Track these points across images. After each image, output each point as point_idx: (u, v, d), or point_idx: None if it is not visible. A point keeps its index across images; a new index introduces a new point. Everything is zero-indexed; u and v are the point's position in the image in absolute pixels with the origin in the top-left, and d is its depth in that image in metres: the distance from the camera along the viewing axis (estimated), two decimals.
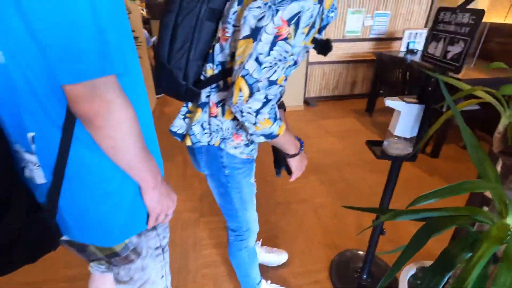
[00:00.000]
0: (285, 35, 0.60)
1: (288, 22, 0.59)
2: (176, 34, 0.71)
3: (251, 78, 0.61)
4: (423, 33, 3.11)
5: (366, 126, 3.07)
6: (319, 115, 3.36)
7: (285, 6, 0.58)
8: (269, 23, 0.59)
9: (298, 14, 0.59)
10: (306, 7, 0.59)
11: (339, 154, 2.51)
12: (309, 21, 0.62)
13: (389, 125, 1.00)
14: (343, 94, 3.81)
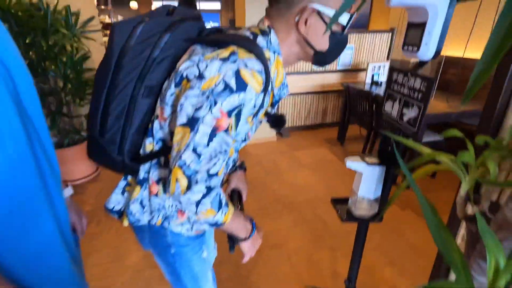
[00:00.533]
0: (225, 127, 0.55)
1: (228, 114, 0.54)
2: (108, 110, 0.63)
3: (189, 170, 0.54)
4: (385, 65, 3.26)
5: (338, 156, 3.08)
6: (292, 146, 3.34)
7: (224, 98, 0.53)
8: (207, 114, 0.53)
9: (239, 106, 0.54)
10: (247, 99, 0.54)
11: (313, 189, 2.47)
12: (252, 110, 0.58)
13: (353, 183, 0.95)
14: (314, 123, 3.86)
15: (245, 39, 0.60)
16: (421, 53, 0.72)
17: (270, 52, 0.63)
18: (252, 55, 0.56)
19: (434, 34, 0.68)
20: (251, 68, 0.54)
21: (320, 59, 0.67)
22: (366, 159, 0.89)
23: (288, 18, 0.62)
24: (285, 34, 0.64)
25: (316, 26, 0.60)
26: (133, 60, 0.61)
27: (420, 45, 0.71)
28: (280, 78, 0.67)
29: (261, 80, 0.55)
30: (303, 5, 0.59)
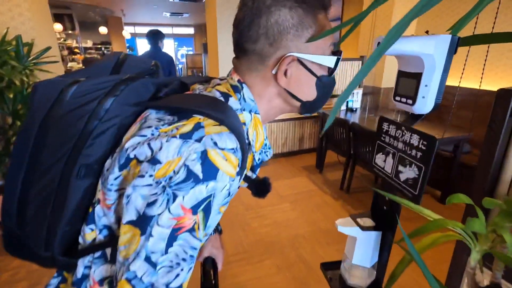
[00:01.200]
0: (190, 227, 0.40)
1: (193, 211, 0.39)
2: (26, 197, 0.46)
3: (141, 284, 0.38)
4: (359, 93, 3.30)
5: (318, 185, 2.99)
6: (271, 176, 3.19)
7: (186, 190, 0.38)
8: (164, 212, 0.38)
9: (207, 199, 0.40)
10: (218, 188, 0.40)
11: (294, 225, 2.32)
12: (226, 199, 0.44)
13: (345, 247, 0.82)
14: (292, 150, 3.79)
15: (213, 104, 0.47)
16: (417, 107, 0.63)
17: (246, 112, 0.51)
18: (223, 128, 0.43)
19: (432, 87, 0.59)
20: (223, 147, 0.41)
21: (308, 108, 0.56)
22: (360, 222, 0.76)
23: (263, 71, 0.51)
24: (261, 88, 0.52)
25: (299, 76, 0.51)
26: (62, 134, 0.45)
27: (416, 98, 0.62)
28: (261, 139, 0.56)
29: (236, 161, 0.42)
30: (279, 55, 0.48)
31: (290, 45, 0.48)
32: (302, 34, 0.47)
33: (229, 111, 0.46)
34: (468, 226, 0.62)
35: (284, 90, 0.52)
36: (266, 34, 0.47)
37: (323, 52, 0.50)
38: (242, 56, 0.52)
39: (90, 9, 8.04)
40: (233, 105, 0.49)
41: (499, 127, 0.74)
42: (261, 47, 0.48)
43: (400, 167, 0.69)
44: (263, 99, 0.53)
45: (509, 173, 0.78)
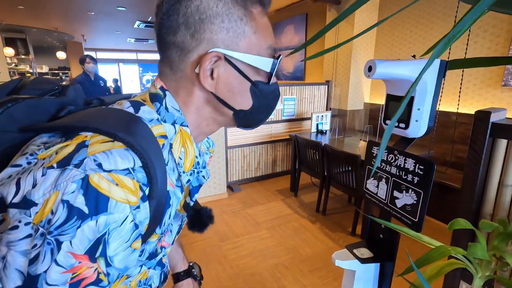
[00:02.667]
0: (94, 278, 0.32)
1: (89, 256, 0.31)
2: None
3: None
4: (327, 115, 3.41)
5: (294, 209, 2.94)
6: (245, 202, 3.11)
7: (72, 232, 0.30)
8: (51, 266, 0.29)
9: (103, 238, 0.31)
10: (114, 221, 0.32)
11: (274, 254, 2.22)
12: (134, 233, 0.35)
13: (343, 281, 0.76)
14: (265, 173, 3.74)
15: (109, 116, 0.38)
16: (411, 131, 0.62)
17: (167, 124, 0.42)
18: (117, 145, 0.34)
19: (425, 111, 0.59)
20: (110, 168, 0.32)
21: (244, 121, 0.47)
22: (357, 253, 0.71)
23: (185, 70, 0.42)
24: (186, 93, 0.43)
25: (228, 78, 0.42)
26: None
27: (410, 122, 0.61)
28: (191, 157, 0.45)
29: (135, 184, 0.34)
30: (202, 50, 0.40)
31: (216, 40, 0.40)
32: (230, 27, 0.40)
33: (133, 123, 0.37)
34: (470, 252, 0.60)
35: (212, 95, 0.43)
36: (187, 23, 0.39)
37: (258, 53, 0.42)
38: (164, 54, 0.43)
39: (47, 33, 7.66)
40: (145, 115, 0.41)
41: (480, 148, 0.76)
42: (182, 39, 0.40)
43: (396, 192, 0.67)
44: (190, 107, 0.44)
45: (493, 192, 0.79)
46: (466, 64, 0.64)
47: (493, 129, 0.75)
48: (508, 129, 0.72)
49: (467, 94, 2.73)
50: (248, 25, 0.41)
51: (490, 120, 0.74)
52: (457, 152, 2.79)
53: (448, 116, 2.83)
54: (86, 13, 5.77)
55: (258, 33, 0.42)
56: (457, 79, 2.81)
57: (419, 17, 3.07)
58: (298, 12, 4.87)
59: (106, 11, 5.60)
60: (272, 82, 0.46)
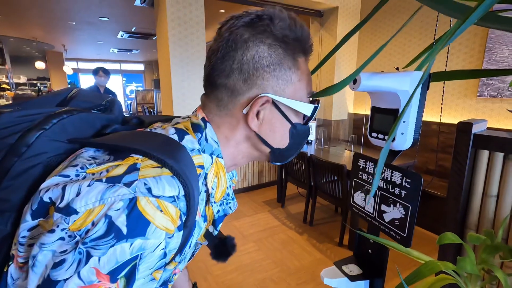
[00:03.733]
0: None
1: (111, 277, 0.30)
2: None
3: None
4: (313, 125, 3.44)
5: (281, 220, 2.90)
6: (232, 215, 3.04)
7: (104, 249, 0.30)
8: (72, 277, 0.29)
9: (132, 262, 0.31)
10: (149, 247, 0.32)
11: (261, 268, 2.16)
12: (160, 262, 0.35)
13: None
14: (252, 184, 3.70)
15: (159, 142, 0.39)
16: (397, 143, 0.61)
17: (205, 155, 0.44)
18: (165, 171, 0.35)
19: (411, 123, 0.58)
20: (159, 194, 0.33)
21: (278, 156, 0.50)
22: (346, 270, 0.69)
23: (233, 110, 0.45)
24: (229, 129, 0.46)
25: (271, 120, 0.45)
26: None
27: (395, 135, 0.60)
28: (223, 187, 0.48)
29: (177, 212, 0.35)
30: (253, 94, 0.43)
31: (266, 85, 0.43)
32: (280, 76, 0.43)
33: (178, 151, 0.39)
34: (459, 267, 0.59)
35: (254, 134, 0.46)
36: (241, 69, 0.42)
37: (301, 98, 0.46)
38: (212, 92, 0.46)
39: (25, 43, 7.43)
40: (188, 144, 0.42)
41: (464, 159, 0.76)
42: (234, 83, 0.43)
43: (384, 206, 0.65)
44: (230, 141, 0.47)
45: (477, 202, 0.80)
46: (447, 76, 0.64)
47: (475, 140, 0.75)
48: (490, 140, 0.73)
49: (446, 104, 2.83)
50: (294, 74, 0.45)
51: (472, 131, 0.75)
52: (439, 160, 2.86)
53: (428, 125, 2.91)
54: (67, 22, 5.64)
55: (302, 80, 0.46)
56: (435, 89, 2.91)
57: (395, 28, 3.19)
58: None
59: (88, 21, 5.50)
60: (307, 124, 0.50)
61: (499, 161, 0.74)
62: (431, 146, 2.89)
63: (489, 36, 2.46)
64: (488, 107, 2.54)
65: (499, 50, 2.44)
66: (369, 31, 3.57)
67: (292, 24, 0.44)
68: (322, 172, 2.58)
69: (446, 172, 2.78)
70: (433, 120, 2.89)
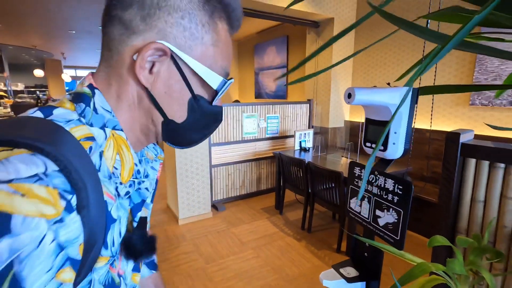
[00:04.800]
0: None
1: None
2: None
3: None
4: (310, 133, 3.49)
5: (279, 227, 2.93)
6: (230, 222, 3.06)
7: None
8: None
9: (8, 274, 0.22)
10: (27, 243, 0.23)
11: (260, 275, 2.18)
12: (60, 257, 0.26)
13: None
14: (250, 192, 3.73)
15: (8, 122, 0.30)
16: (389, 153, 0.66)
17: (95, 128, 0.36)
18: (16, 151, 0.26)
19: (401, 134, 0.63)
20: (10, 178, 0.24)
21: (172, 134, 0.41)
22: (343, 273, 0.73)
23: (123, 53, 0.36)
24: (118, 83, 0.38)
25: (168, 79, 0.37)
26: None
27: (387, 145, 0.65)
28: (130, 165, 0.39)
29: (50, 192, 0.26)
30: (150, 38, 0.35)
31: (168, 33, 0.35)
32: (188, 28, 0.36)
33: (39, 125, 0.31)
34: (449, 268, 0.63)
35: (146, 93, 0.37)
36: (142, 3, 0.35)
37: (210, 67, 0.39)
38: (105, 29, 0.38)
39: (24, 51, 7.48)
40: (59, 117, 0.33)
41: (453, 167, 0.81)
42: (130, 17, 0.35)
43: (378, 211, 0.70)
44: (123, 102, 0.38)
45: (466, 207, 0.84)
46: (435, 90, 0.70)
47: (463, 149, 0.80)
48: (476, 149, 0.78)
49: (439, 112, 2.90)
50: (208, 34, 0.38)
51: (460, 141, 0.80)
52: (432, 167, 2.92)
53: (422, 133, 2.98)
54: (67, 31, 5.72)
55: (217, 47, 0.39)
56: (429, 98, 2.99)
57: (391, 43, 3.28)
58: (280, 34, 5.07)
59: (88, 30, 5.58)
60: (216, 103, 0.42)
61: (485, 169, 0.79)
62: (426, 153, 2.95)
63: None
64: (480, 115, 2.62)
65: (489, 60, 2.53)
66: (364, 42, 3.67)
67: None
68: (319, 179, 2.62)
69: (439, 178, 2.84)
70: (427, 128, 2.96)
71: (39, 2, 3.93)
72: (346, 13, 3.66)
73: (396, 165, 2.76)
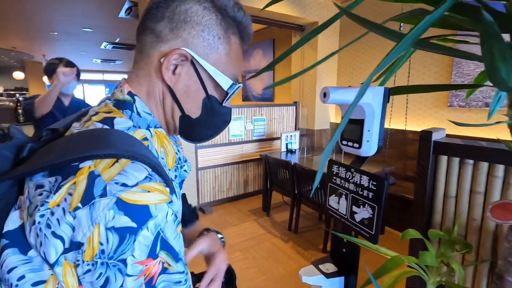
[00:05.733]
0: (160, 269, 0.35)
1: (153, 256, 0.34)
2: None
3: None
4: (296, 135, 3.53)
5: (266, 229, 2.93)
6: (218, 224, 3.05)
7: (130, 248, 0.33)
8: (125, 280, 0.33)
9: (158, 237, 0.35)
10: (162, 220, 0.35)
11: (248, 277, 2.18)
12: (177, 221, 0.38)
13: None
14: (237, 194, 3.72)
15: (94, 139, 0.37)
16: (363, 150, 0.68)
17: (142, 129, 0.43)
18: (123, 162, 0.35)
19: (374, 132, 0.65)
20: (134, 183, 0.34)
21: (187, 129, 0.49)
22: (323, 269, 0.74)
23: (152, 57, 0.45)
24: (147, 82, 0.46)
25: (187, 80, 0.45)
26: None
27: (362, 142, 0.67)
28: (172, 154, 0.48)
29: (160, 184, 0.36)
30: (175, 45, 0.43)
31: (190, 42, 0.43)
32: (207, 39, 0.44)
33: (118, 138, 0.38)
34: (421, 260, 0.65)
35: (169, 91, 0.45)
36: (171, 18, 0.43)
37: (223, 72, 0.46)
38: (139, 37, 0.46)
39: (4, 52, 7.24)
40: (122, 125, 0.41)
41: (426, 164, 0.84)
42: (161, 29, 0.43)
43: (354, 207, 0.72)
44: (152, 100, 0.46)
45: (439, 203, 0.88)
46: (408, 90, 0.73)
47: (435, 147, 0.84)
48: (447, 146, 0.82)
49: (419, 114, 3.00)
50: (222, 45, 0.45)
51: (432, 138, 0.83)
52: (414, 167, 3.00)
53: (405, 134, 3.07)
54: (49, 33, 5.57)
55: (229, 56, 0.46)
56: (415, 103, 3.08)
57: (375, 47, 3.37)
58: (266, 37, 5.12)
59: (70, 31, 5.46)
60: (226, 105, 0.50)
61: (456, 166, 0.82)
62: (408, 153, 3.04)
63: None
64: (458, 116, 2.72)
65: (466, 64, 2.64)
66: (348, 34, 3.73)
67: (237, 6, 0.46)
68: (305, 180, 2.65)
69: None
70: (409, 129, 3.05)
71: (19, 2, 3.83)
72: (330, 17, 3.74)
73: (379, 165, 2.82)
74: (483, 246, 0.81)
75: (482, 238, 0.82)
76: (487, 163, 0.77)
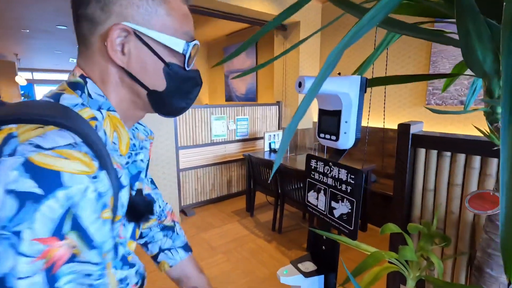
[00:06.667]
0: (68, 255, 0.31)
1: (58, 236, 0.30)
2: None
3: None
4: (279, 134, 3.52)
5: (250, 230, 2.89)
6: (200, 227, 2.98)
7: (29, 218, 0.28)
8: (17, 261, 0.28)
9: (68, 213, 0.30)
10: (76, 193, 0.31)
11: (231, 279, 2.13)
12: (101, 203, 0.34)
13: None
14: (220, 195, 3.66)
15: (30, 107, 0.36)
16: (341, 142, 0.65)
17: (93, 110, 0.41)
18: (49, 128, 0.33)
19: (352, 123, 0.63)
20: (51, 146, 0.31)
21: (159, 104, 0.46)
22: (301, 268, 0.71)
23: (95, 44, 0.42)
24: (100, 70, 0.43)
25: (140, 55, 0.42)
26: None
27: (339, 134, 0.65)
28: (126, 140, 0.45)
29: (84, 155, 0.33)
30: (111, 23, 0.40)
31: (125, 14, 0.40)
32: (141, 5, 0.40)
33: (58, 108, 0.37)
34: (401, 255, 0.63)
35: (125, 72, 0.42)
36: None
37: (173, 35, 0.43)
38: (77, 29, 0.43)
39: None
40: (68, 101, 0.39)
41: (405, 157, 0.83)
42: (92, 11, 0.40)
43: (333, 203, 0.69)
44: (108, 85, 0.43)
45: (419, 196, 0.87)
46: (385, 81, 0.71)
47: (413, 139, 0.83)
48: (425, 139, 0.81)
49: (399, 112, 3.06)
50: (160, 6, 0.42)
51: (410, 132, 0.82)
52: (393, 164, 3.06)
53: (386, 132, 3.12)
54: (20, 30, 5.30)
55: (172, 16, 0.43)
56: (389, 99, 3.14)
57: (358, 48, 3.42)
58: (248, 37, 5.09)
59: (44, 29, 5.21)
60: (192, 68, 0.47)
61: (434, 158, 0.81)
62: (387, 151, 3.09)
63: (432, 51, 2.73)
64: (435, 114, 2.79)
65: (441, 63, 2.71)
66: (330, 35, 3.78)
67: None
68: (288, 179, 2.63)
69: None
70: (389, 127, 3.11)
71: None
72: (312, 17, 3.76)
73: (360, 163, 2.85)
74: (462, 239, 0.81)
75: (460, 231, 0.82)
76: (464, 155, 0.77)
